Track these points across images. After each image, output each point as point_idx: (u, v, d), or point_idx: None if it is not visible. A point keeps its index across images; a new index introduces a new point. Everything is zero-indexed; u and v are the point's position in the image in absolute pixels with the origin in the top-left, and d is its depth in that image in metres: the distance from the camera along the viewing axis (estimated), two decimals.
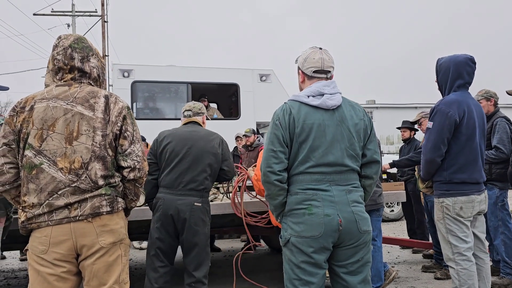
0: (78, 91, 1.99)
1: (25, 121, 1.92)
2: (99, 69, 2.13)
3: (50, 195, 1.87)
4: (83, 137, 1.92)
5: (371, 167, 2.28)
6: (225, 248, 6.59)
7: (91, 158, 1.92)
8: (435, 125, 2.85)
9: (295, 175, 2.18)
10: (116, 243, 1.99)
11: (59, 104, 1.94)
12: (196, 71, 8.23)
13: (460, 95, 2.90)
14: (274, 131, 2.19)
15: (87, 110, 1.95)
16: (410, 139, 5.96)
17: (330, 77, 2.32)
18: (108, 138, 1.97)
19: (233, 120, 8.28)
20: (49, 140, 1.90)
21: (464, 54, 2.97)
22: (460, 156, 2.84)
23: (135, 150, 2.03)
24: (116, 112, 2.01)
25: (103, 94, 2.02)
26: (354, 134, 2.20)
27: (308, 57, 2.31)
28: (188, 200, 3.11)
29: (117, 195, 2.02)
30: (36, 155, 1.89)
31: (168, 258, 3.19)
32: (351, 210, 2.11)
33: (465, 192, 2.83)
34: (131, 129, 2.05)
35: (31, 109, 1.93)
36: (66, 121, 1.92)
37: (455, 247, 2.81)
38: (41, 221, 1.88)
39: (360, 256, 2.15)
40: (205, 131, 3.37)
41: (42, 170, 1.88)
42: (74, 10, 20.51)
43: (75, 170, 1.90)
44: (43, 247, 1.87)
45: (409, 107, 33.59)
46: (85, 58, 2.06)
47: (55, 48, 2.06)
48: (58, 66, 2.04)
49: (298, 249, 2.11)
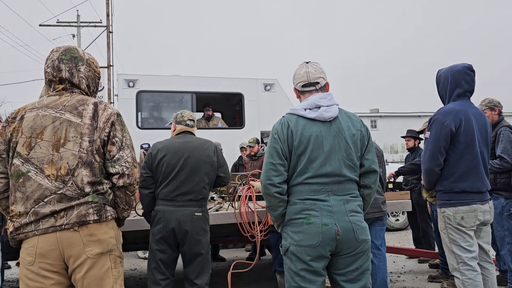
0: (68, 99, 1.99)
1: (15, 130, 1.92)
2: (89, 79, 2.12)
3: (36, 203, 1.85)
4: (70, 144, 1.91)
5: (369, 177, 2.32)
6: (229, 257, 6.56)
7: (78, 164, 1.90)
8: (431, 134, 2.88)
9: (294, 185, 2.24)
10: (105, 254, 1.93)
11: (49, 112, 1.94)
12: (200, 81, 8.27)
13: (459, 104, 2.90)
14: (273, 144, 2.25)
15: (75, 117, 1.94)
16: (415, 148, 5.95)
17: (321, 88, 2.37)
18: (96, 144, 1.95)
19: (237, 129, 8.30)
20: (37, 148, 1.89)
21: (462, 63, 2.98)
22: (460, 165, 2.83)
23: (123, 156, 1.99)
24: (104, 118, 1.99)
25: (92, 101, 2.02)
26: (351, 145, 2.25)
27: (295, 74, 2.41)
28: (188, 211, 3.12)
29: (105, 203, 1.97)
30: (23, 163, 1.88)
31: (169, 270, 3.18)
32: (348, 220, 2.16)
33: (466, 202, 2.81)
34: (120, 135, 2.01)
35: (21, 118, 1.94)
36: (54, 128, 1.92)
37: (459, 256, 2.80)
38: (28, 231, 1.85)
39: (358, 264, 2.19)
40: (198, 140, 3.37)
41: (29, 178, 1.87)
42: (79, 20, 20.74)
43: (62, 177, 1.87)
44: (30, 258, 1.84)
45: (413, 115, 33.54)
46: (74, 68, 2.05)
47: (46, 61, 2.08)
48: (48, 78, 2.06)
49: (297, 258, 2.17)
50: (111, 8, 18.03)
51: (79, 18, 20.80)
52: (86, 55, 2.14)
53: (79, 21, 20.75)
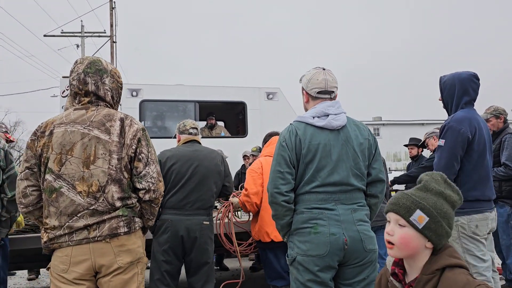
0: (95, 114, 2.04)
1: (45, 146, 1.98)
2: (113, 90, 2.16)
3: (70, 218, 1.94)
4: (99, 161, 1.97)
5: (376, 186, 2.30)
6: (232, 267, 6.53)
7: (108, 181, 1.96)
8: (447, 142, 2.81)
9: (301, 194, 2.21)
10: (134, 262, 2.03)
11: (77, 128, 1.99)
12: (203, 90, 8.30)
13: (469, 112, 2.87)
14: (280, 152, 2.22)
15: (103, 134, 2.00)
16: (418, 156, 5.94)
17: (334, 97, 2.36)
18: (124, 161, 2.01)
19: (240, 138, 8.31)
20: (68, 165, 1.95)
21: (466, 71, 2.96)
22: (474, 173, 2.79)
23: (149, 172, 2.06)
24: (131, 135, 2.04)
25: (119, 117, 2.06)
26: (359, 154, 2.23)
27: (312, 78, 2.35)
28: (196, 219, 3.11)
29: (134, 216, 2.06)
30: (55, 179, 1.95)
31: (174, 281, 3.15)
32: (356, 229, 2.13)
33: (480, 210, 2.77)
34: (146, 151, 2.07)
35: (51, 133, 1.99)
36: (83, 145, 1.97)
37: (474, 267, 2.71)
38: (62, 241, 1.94)
39: (366, 274, 2.16)
40: (207, 150, 3.38)
41: (61, 193, 1.94)
42: (83, 31, 20.92)
43: (93, 193, 1.95)
44: (64, 266, 1.94)
45: (416, 123, 33.53)
46: (99, 81, 2.10)
47: (71, 73, 2.12)
48: (74, 91, 2.10)
49: (304, 268, 2.13)
50: (114, 18, 18.22)
51: (83, 28, 20.99)
52: (109, 66, 2.18)
53: (83, 31, 20.92)
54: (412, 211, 1.44)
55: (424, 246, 1.44)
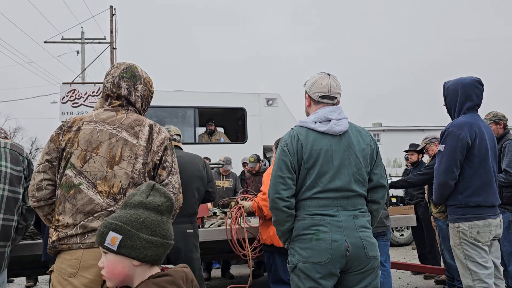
0: (125, 117, 2.04)
1: (70, 141, 1.96)
2: (143, 98, 2.18)
3: (86, 217, 1.88)
4: (124, 163, 1.94)
5: (378, 192, 2.27)
6: (233, 273, 6.49)
7: (129, 184, 1.93)
8: (446, 147, 2.81)
9: (302, 200, 2.18)
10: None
11: (106, 128, 1.98)
12: (203, 96, 8.31)
13: (470, 117, 2.86)
14: (282, 157, 2.20)
15: (131, 137, 1.99)
16: (418, 162, 5.92)
17: (337, 103, 2.33)
18: (148, 166, 1.99)
19: (240, 144, 8.30)
20: (91, 162, 1.92)
21: (471, 76, 2.95)
22: (475, 179, 2.77)
23: (172, 181, 2.04)
24: (159, 142, 2.03)
25: (148, 123, 2.07)
26: (361, 159, 2.21)
27: (315, 82, 2.33)
28: (180, 228, 2.99)
29: None
30: (76, 175, 1.91)
31: None
32: (358, 236, 2.09)
33: (482, 216, 2.74)
34: (170, 160, 2.06)
35: (78, 129, 1.97)
36: (110, 145, 1.95)
37: (475, 273, 2.69)
38: (72, 242, 1.86)
39: (368, 281, 2.13)
40: (188, 155, 3.34)
41: (80, 190, 1.90)
42: (83, 37, 20.98)
43: (113, 195, 1.91)
44: (73, 270, 1.85)
45: (416, 129, 33.54)
46: (132, 87, 2.12)
47: (106, 76, 2.14)
48: (106, 93, 2.12)
49: (305, 275, 2.09)
50: (114, 25, 18.28)
51: (84, 35, 21.06)
52: (144, 74, 2.20)
53: (83, 37, 20.99)
54: (105, 236, 1.35)
55: (133, 265, 1.37)
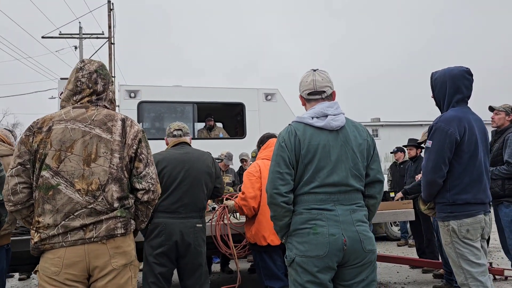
0: (96, 113, 2.05)
1: (43, 142, 1.95)
2: (113, 97, 2.22)
3: (66, 216, 1.89)
4: (101, 159, 1.96)
5: (375, 187, 2.30)
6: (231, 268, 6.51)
7: (108, 180, 1.96)
8: (434, 144, 2.69)
9: (300, 195, 2.20)
10: (127, 265, 2.01)
11: (78, 126, 1.99)
12: (202, 91, 8.29)
13: (460, 111, 2.73)
14: (280, 153, 2.22)
15: (105, 133, 2.00)
16: (417, 157, 5.93)
17: (328, 96, 2.34)
18: (125, 160, 2.02)
19: (239, 139, 8.30)
20: (67, 162, 1.93)
21: (459, 66, 2.81)
22: (464, 176, 2.67)
23: (149, 172, 2.08)
24: (132, 135, 2.06)
25: (120, 117, 2.09)
26: (358, 154, 2.23)
27: (302, 81, 2.38)
28: (190, 222, 3.11)
29: (130, 217, 2.06)
30: (53, 176, 1.92)
31: (167, 284, 3.13)
32: (355, 230, 2.12)
33: (471, 213, 2.64)
34: (146, 152, 2.10)
35: (49, 130, 1.96)
36: (84, 143, 1.96)
37: (468, 272, 2.62)
38: (54, 242, 1.89)
39: (365, 275, 2.15)
40: (197, 152, 3.38)
41: (59, 191, 1.91)
42: (81, 32, 20.91)
43: (92, 192, 1.93)
44: (56, 268, 1.88)
45: (415, 124, 33.55)
46: (107, 84, 2.16)
47: (79, 70, 2.12)
48: (81, 88, 2.10)
49: (303, 269, 2.11)
50: (112, 20, 18.21)
51: (82, 30, 20.98)
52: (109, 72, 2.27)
53: (81, 33, 20.92)
54: None
55: None
